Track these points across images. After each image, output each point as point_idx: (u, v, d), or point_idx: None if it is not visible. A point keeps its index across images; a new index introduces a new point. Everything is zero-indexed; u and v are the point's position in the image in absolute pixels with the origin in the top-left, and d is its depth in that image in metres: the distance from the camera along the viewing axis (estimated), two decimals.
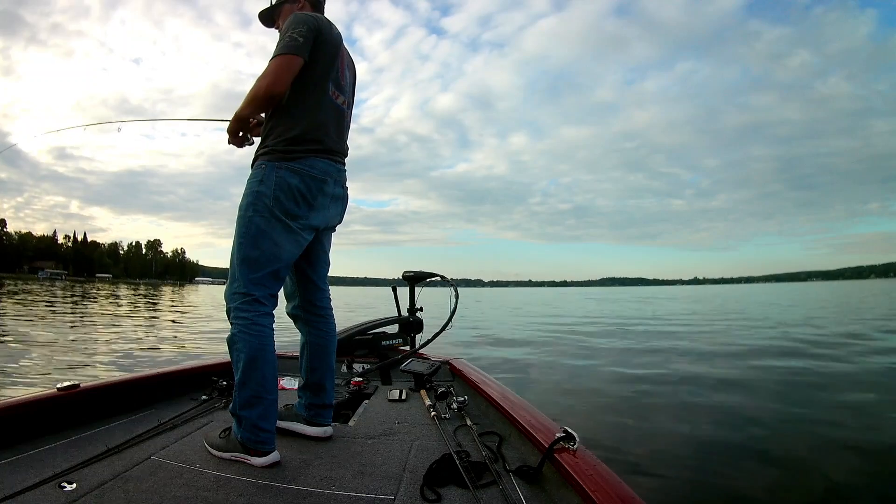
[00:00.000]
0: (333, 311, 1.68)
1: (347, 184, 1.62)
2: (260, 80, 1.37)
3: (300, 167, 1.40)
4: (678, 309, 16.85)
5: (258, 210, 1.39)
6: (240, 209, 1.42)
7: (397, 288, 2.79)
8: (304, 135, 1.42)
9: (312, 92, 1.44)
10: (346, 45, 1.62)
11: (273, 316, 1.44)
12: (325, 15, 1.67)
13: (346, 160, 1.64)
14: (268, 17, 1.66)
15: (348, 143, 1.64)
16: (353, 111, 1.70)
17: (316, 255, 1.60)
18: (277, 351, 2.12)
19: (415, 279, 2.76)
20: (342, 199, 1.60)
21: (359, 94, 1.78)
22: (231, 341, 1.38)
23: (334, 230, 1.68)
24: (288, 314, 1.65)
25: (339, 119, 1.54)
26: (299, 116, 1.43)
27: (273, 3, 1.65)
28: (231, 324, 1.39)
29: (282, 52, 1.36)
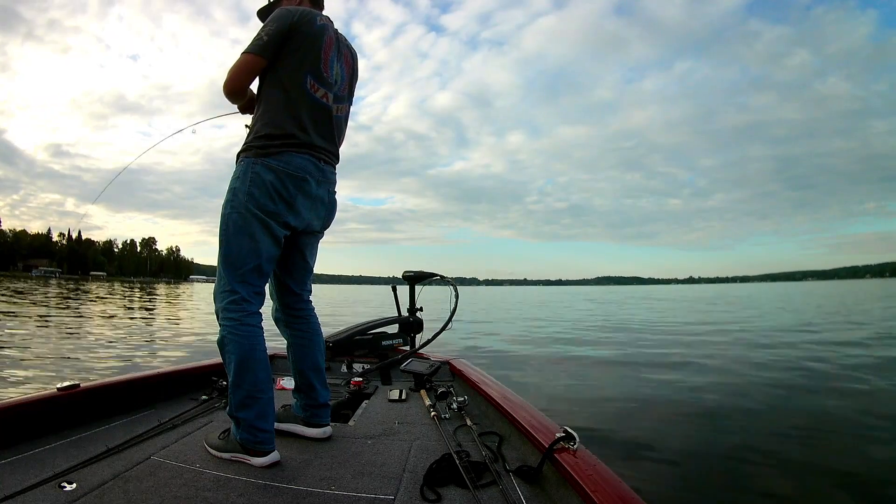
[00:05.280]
0: (316, 312, 1.66)
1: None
2: (226, 76, 1.45)
3: (276, 164, 1.39)
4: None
5: (235, 207, 1.38)
6: (222, 208, 1.42)
7: (397, 287, 2.79)
8: (277, 130, 1.40)
9: (283, 87, 1.42)
10: (346, 40, 1.59)
11: (261, 315, 1.43)
12: (325, 11, 1.66)
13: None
14: (266, 15, 1.66)
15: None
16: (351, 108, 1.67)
17: (293, 259, 1.56)
18: (276, 351, 2.12)
19: (415, 279, 2.76)
20: (326, 204, 1.55)
21: (357, 92, 1.75)
22: (221, 343, 1.38)
23: (320, 235, 1.63)
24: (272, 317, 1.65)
25: (321, 114, 1.48)
26: (271, 112, 1.43)
27: (271, 0, 1.64)
28: (220, 325, 1.38)
29: (245, 50, 1.42)
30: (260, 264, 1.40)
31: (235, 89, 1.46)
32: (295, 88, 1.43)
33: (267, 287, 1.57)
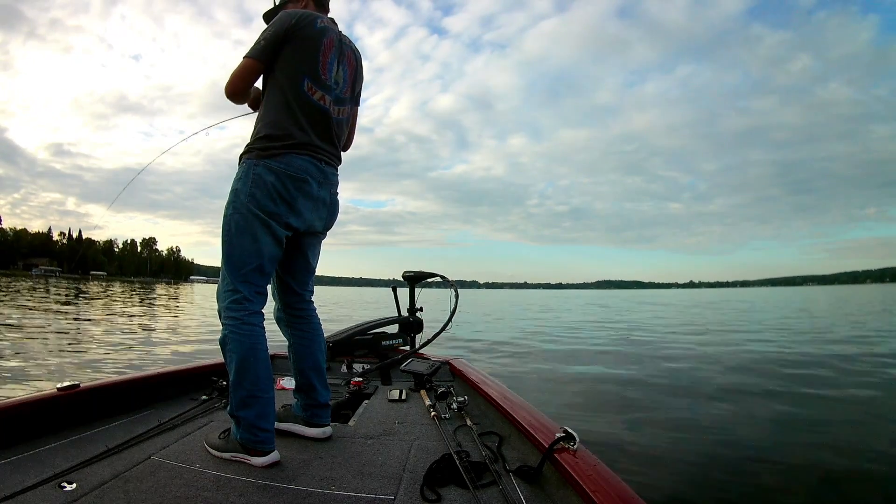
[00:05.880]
0: (318, 312, 1.66)
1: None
2: (227, 79, 1.48)
3: (277, 165, 1.40)
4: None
5: (237, 208, 1.40)
6: (224, 209, 1.44)
7: (397, 288, 2.79)
8: (277, 131, 1.42)
9: (282, 89, 1.44)
10: (350, 42, 1.58)
11: (263, 314, 1.44)
12: (330, 13, 1.66)
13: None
14: (272, 18, 1.66)
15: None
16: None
17: (295, 260, 1.57)
18: (277, 351, 2.12)
19: (415, 279, 2.76)
20: (327, 206, 1.56)
21: None
22: (223, 342, 1.39)
23: (322, 236, 1.64)
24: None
25: (318, 116, 1.48)
26: (271, 113, 1.45)
27: (276, 3, 1.65)
28: (222, 324, 1.40)
29: (245, 55, 1.45)
30: (262, 264, 1.42)
31: (235, 92, 1.48)
32: (292, 91, 1.44)
33: (269, 287, 1.57)
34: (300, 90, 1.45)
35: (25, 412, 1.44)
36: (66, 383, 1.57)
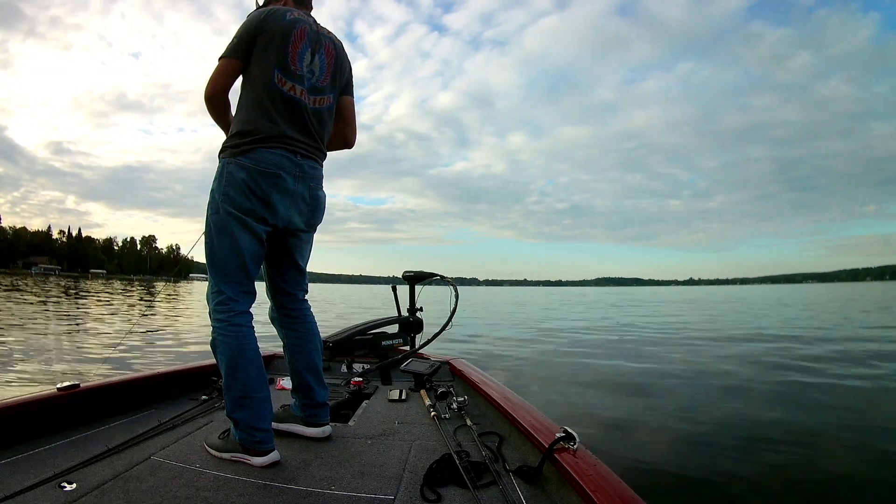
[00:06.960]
0: (312, 311, 1.64)
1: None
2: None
3: (247, 161, 1.38)
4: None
5: (214, 208, 1.40)
6: (206, 211, 1.43)
7: (397, 287, 2.79)
8: (247, 126, 1.40)
9: (254, 85, 1.43)
10: (328, 32, 1.56)
11: (251, 314, 1.43)
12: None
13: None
14: None
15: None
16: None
17: (282, 259, 1.55)
18: (276, 351, 2.12)
19: (415, 279, 2.75)
20: (307, 201, 1.50)
21: (358, 92, 1.72)
22: (213, 345, 1.39)
23: (310, 233, 1.59)
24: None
25: (292, 108, 1.44)
26: (241, 111, 1.44)
27: (259, 4, 1.63)
28: (212, 327, 1.39)
29: (220, 55, 1.44)
30: (244, 263, 1.40)
31: (212, 93, 1.45)
32: (263, 85, 1.42)
33: (265, 287, 1.56)
34: (271, 83, 1.42)
35: (25, 412, 1.44)
36: (66, 383, 1.57)
